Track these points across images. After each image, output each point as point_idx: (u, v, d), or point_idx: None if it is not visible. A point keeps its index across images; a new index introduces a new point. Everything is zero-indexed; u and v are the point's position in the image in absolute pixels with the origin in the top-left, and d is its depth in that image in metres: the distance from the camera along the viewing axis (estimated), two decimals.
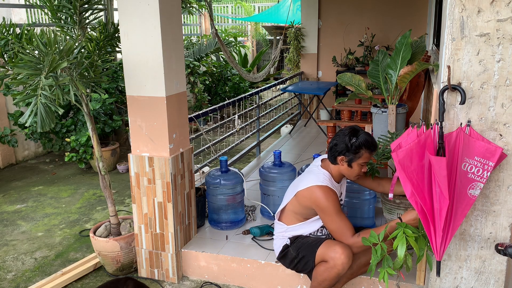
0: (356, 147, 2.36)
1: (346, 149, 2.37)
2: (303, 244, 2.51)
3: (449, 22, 1.98)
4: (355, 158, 2.38)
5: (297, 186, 2.53)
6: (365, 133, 2.42)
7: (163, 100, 2.74)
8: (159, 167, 2.83)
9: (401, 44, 2.92)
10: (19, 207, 4.45)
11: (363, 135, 2.39)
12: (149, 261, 3.03)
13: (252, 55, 13.07)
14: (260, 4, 15.35)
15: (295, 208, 2.53)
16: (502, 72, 1.96)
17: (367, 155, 2.39)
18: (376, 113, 3.08)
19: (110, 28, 2.94)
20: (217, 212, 3.27)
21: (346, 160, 2.40)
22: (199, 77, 7.95)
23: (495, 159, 1.92)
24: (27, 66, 2.23)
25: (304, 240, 2.54)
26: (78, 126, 5.28)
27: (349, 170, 2.43)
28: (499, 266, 2.18)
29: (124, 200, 4.55)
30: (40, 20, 7.76)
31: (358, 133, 2.39)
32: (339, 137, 2.42)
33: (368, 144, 2.37)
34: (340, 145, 2.39)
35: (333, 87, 6.90)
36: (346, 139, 2.38)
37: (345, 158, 2.40)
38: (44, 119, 2.27)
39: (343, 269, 2.32)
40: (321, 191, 2.38)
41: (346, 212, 3.18)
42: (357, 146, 2.36)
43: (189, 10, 8.80)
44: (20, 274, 3.23)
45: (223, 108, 4.43)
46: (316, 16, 7.08)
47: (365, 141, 2.36)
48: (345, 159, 2.40)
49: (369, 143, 2.37)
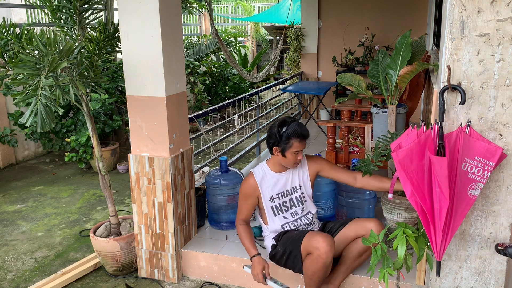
0: (286, 137, 2.46)
1: (277, 140, 2.49)
2: (288, 239, 2.56)
3: (449, 22, 1.98)
4: (286, 147, 2.49)
5: None
6: (296, 123, 2.51)
7: (163, 100, 2.74)
8: (159, 167, 2.83)
9: (401, 44, 2.92)
10: (19, 207, 4.45)
11: (292, 125, 2.48)
12: (149, 261, 3.03)
13: (252, 55, 13.07)
14: (260, 4, 15.35)
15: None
16: (502, 72, 1.96)
17: (298, 144, 2.48)
18: (376, 113, 3.08)
19: (110, 28, 2.94)
20: (217, 212, 3.27)
21: (279, 150, 2.52)
22: (199, 77, 7.95)
23: (495, 159, 1.92)
24: (27, 66, 2.23)
25: (289, 234, 2.59)
26: (78, 126, 5.28)
27: (284, 160, 2.54)
28: (499, 266, 2.18)
29: (124, 200, 4.55)
30: (40, 20, 7.76)
31: (287, 123, 2.49)
32: (271, 130, 2.55)
33: (297, 133, 2.46)
34: (272, 136, 2.52)
35: (333, 87, 6.90)
36: (275, 130, 2.50)
37: (278, 148, 2.52)
38: (44, 119, 2.27)
39: (327, 257, 2.35)
40: (245, 179, 2.66)
41: (346, 212, 3.19)
42: (287, 136, 2.46)
43: (189, 10, 8.81)
44: (20, 274, 3.23)
45: (223, 108, 4.43)
46: (316, 16, 7.08)
47: (294, 131, 2.46)
48: (278, 149, 2.52)
49: (297, 132, 2.46)
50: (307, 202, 2.69)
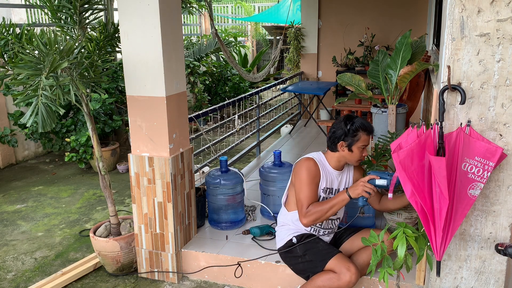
0: (353, 130, 2.46)
1: (345, 134, 2.47)
2: (312, 248, 2.52)
3: (449, 22, 1.98)
4: (354, 141, 2.47)
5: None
6: (360, 118, 2.54)
7: (163, 100, 2.74)
8: (159, 167, 2.83)
9: (401, 44, 2.93)
10: (19, 207, 4.45)
11: (358, 119, 2.51)
12: (149, 261, 3.03)
13: (252, 55, 13.07)
14: (260, 4, 15.35)
15: (291, 191, 2.62)
16: (502, 72, 1.96)
17: (365, 137, 2.48)
18: (376, 113, 3.08)
19: (110, 28, 2.94)
20: (217, 212, 3.27)
21: (346, 144, 2.49)
22: (199, 77, 7.95)
23: (495, 159, 1.92)
24: (27, 66, 2.23)
25: (314, 243, 2.54)
26: (78, 126, 5.28)
27: (351, 155, 2.51)
28: (499, 266, 2.18)
29: (124, 200, 4.55)
30: (40, 20, 7.76)
31: (353, 118, 2.51)
32: (336, 125, 2.54)
33: (365, 126, 2.48)
34: (338, 131, 2.50)
35: (333, 87, 6.91)
36: (342, 125, 2.50)
37: (345, 143, 2.49)
38: (45, 119, 2.27)
39: (347, 287, 2.36)
40: (304, 161, 2.53)
41: (346, 212, 3.18)
42: (354, 130, 2.46)
43: (189, 10, 8.81)
44: (20, 274, 3.23)
45: (223, 108, 4.42)
46: (316, 16, 7.08)
47: (361, 124, 2.48)
48: (345, 144, 2.49)
49: (365, 126, 2.49)
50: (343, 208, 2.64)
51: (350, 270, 2.36)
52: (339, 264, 2.40)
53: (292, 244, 2.58)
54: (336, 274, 2.38)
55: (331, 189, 2.59)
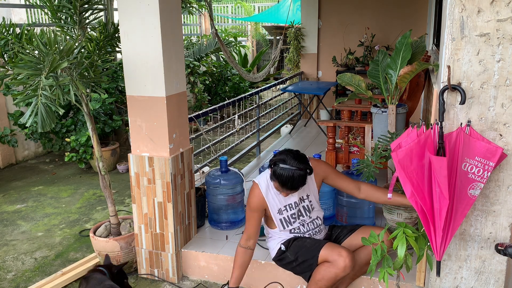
0: (272, 172, 2.37)
1: (271, 168, 2.40)
2: (300, 248, 2.51)
3: (449, 22, 1.98)
4: (272, 180, 2.42)
5: None
6: (290, 169, 2.32)
7: (163, 100, 2.74)
8: (159, 167, 2.83)
9: (401, 44, 2.92)
10: (19, 207, 4.45)
11: (286, 170, 2.31)
12: (149, 261, 3.03)
13: (252, 55, 13.07)
14: (260, 4, 15.35)
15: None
16: (502, 72, 1.96)
17: (280, 189, 2.41)
18: (376, 113, 3.08)
19: (110, 28, 2.94)
20: (217, 212, 3.27)
21: (270, 176, 2.43)
22: (199, 77, 7.95)
23: (495, 159, 1.92)
24: (27, 66, 2.23)
25: (301, 243, 2.53)
26: (78, 126, 5.28)
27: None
28: (499, 266, 2.18)
29: (124, 200, 4.55)
30: (40, 20, 7.76)
31: (284, 163, 2.34)
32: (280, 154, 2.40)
33: (282, 181, 2.34)
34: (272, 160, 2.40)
35: (333, 87, 6.90)
36: (273, 160, 2.39)
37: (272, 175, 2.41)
38: (44, 119, 2.27)
39: (344, 272, 2.33)
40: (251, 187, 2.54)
41: (346, 212, 3.19)
42: (273, 172, 2.37)
43: (189, 10, 8.81)
44: (20, 274, 3.23)
45: (223, 108, 4.43)
46: (316, 16, 7.08)
47: (279, 175, 2.33)
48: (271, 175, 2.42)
49: (282, 181, 2.34)
50: (315, 208, 2.62)
51: (342, 254, 2.34)
52: (330, 253, 2.38)
53: (282, 252, 2.58)
54: (330, 263, 2.37)
55: (295, 203, 2.54)
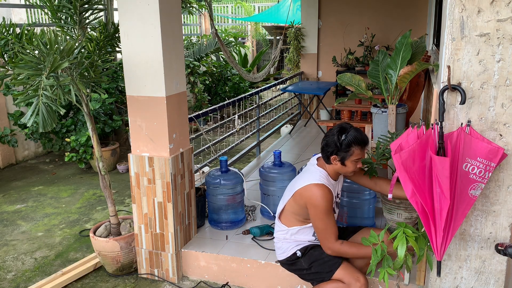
0: (346, 145, 2.33)
1: (337, 148, 2.34)
2: (317, 259, 2.47)
3: (449, 22, 1.98)
4: (347, 156, 2.35)
5: (294, 185, 2.51)
6: (354, 129, 2.37)
7: (163, 100, 2.74)
8: (159, 167, 2.83)
9: (401, 44, 2.92)
10: (19, 207, 4.45)
11: (352, 132, 2.35)
12: (149, 261, 3.03)
13: (252, 55, 13.07)
14: (260, 4, 15.35)
15: (293, 209, 2.51)
16: (502, 72, 1.96)
17: (359, 152, 2.35)
18: (376, 113, 3.08)
19: (110, 28, 2.94)
20: (217, 212, 3.27)
21: (339, 159, 2.37)
22: (199, 77, 7.95)
23: (497, 160, 1.92)
24: (27, 66, 2.23)
25: (318, 254, 2.48)
26: (78, 126, 5.28)
27: (344, 168, 2.41)
28: (499, 266, 2.18)
29: (124, 200, 4.55)
30: (40, 20, 7.76)
31: (346, 130, 2.36)
32: (328, 137, 2.40)
33: (358, 140, 2.33)
34: (331, 145, 2.36)
35: (333, 87, 6.90)
36: (335, 138, 2.35)
37: (337, 157, 2.37)
38: (46, 119, 2.27)
39: None
40: (317, 189, 2.36)
41: (346, 213, 3.19)
42: (347, 144, 2.33)
43: (189, 10, 8.80)
44: (20, 274, 3.23)
45: (223, 108, 4.42)
46: (316, 16, 7.08)
47: (354, 138, 2.33)
48: (338, 158, 2.37)
49: (358, 140, 2.33)
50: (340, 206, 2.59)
51: (360, 281, 2.32)
52: (347, 275, 2.35)
53: (297, 258, 2.52)
54: (345, 285, 2.34)
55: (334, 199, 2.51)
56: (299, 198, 2.44)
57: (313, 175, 2.44)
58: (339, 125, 2.42)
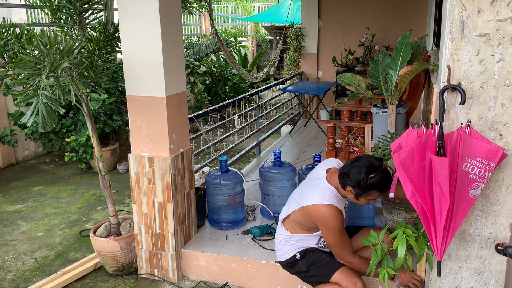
0: (367, 186, 2.26)
1: (357, 184, 2.26)
2: (315, 262, 2.47)
3: (449, 22, 1.98)
4: (363, 194, 2.31)
5: (302, 198, 2.45)
6: (382, 172, 2.28)
7: (163, 100, 2.74)
8: (159, 167, 2.83)
9: (401, 44, 2.92)
10: (19, 207, 4.45)
11: (379, 175, 2.25)
12: (149, 261, 3.03)
13: (252, 55, 13.07)
14: (260, 4, 15.35)
15: (300, 220, 2.48)
16: (502, 72, 1.96)
17: (377, 195, 2.32)
18: (376, 113, 3.08)
19: (110, 28, 2.94)
20: (217, 212, 3.27)
21: (354, 193, 2.32)
22: (199, 77, 7.95)
23: (496, 160, 1.92)
24: (27, 66, 2.23)
25: (316, 256, 2.49)
26: (78, 126, 5.28)
27: (354, 200, 2.37)
28: (499, 266, 2.18)
29: (124, 200, 4.55)
30: (40, 20, 7.76)
31: (374, 171, 2.25)
32: (354, 169, 2.29)
33: (381, 186, 2.27)
34: (352, 179, 2.28)
35: (333, 87, 6.90)
36: (360, 175, 2.25)
37: (353, 191, 2.31)
38: (45, 119, 2.27)
39: None
40: (328, 211, 2.31)
41: (346, 213, 3.18)
42: (369, 186, 2.26)
43: (189, 10, 8.80)
44: (20, 274, 3.23)
45: (223, 108, 4.43)
46: (316, 16, 7.08)
47: (379, 183, 2.25)
48: (353, 191, 2.31)
49: (382, 186, 2.27)
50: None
51: (357, 285, 2.33)
52: (345, 279, 2.36)
53: (296, 260, 2.53)
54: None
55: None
56: (308, 215, 2.41)
57: (322, 194, 2.37)
58: (369, 161, 2.29)
